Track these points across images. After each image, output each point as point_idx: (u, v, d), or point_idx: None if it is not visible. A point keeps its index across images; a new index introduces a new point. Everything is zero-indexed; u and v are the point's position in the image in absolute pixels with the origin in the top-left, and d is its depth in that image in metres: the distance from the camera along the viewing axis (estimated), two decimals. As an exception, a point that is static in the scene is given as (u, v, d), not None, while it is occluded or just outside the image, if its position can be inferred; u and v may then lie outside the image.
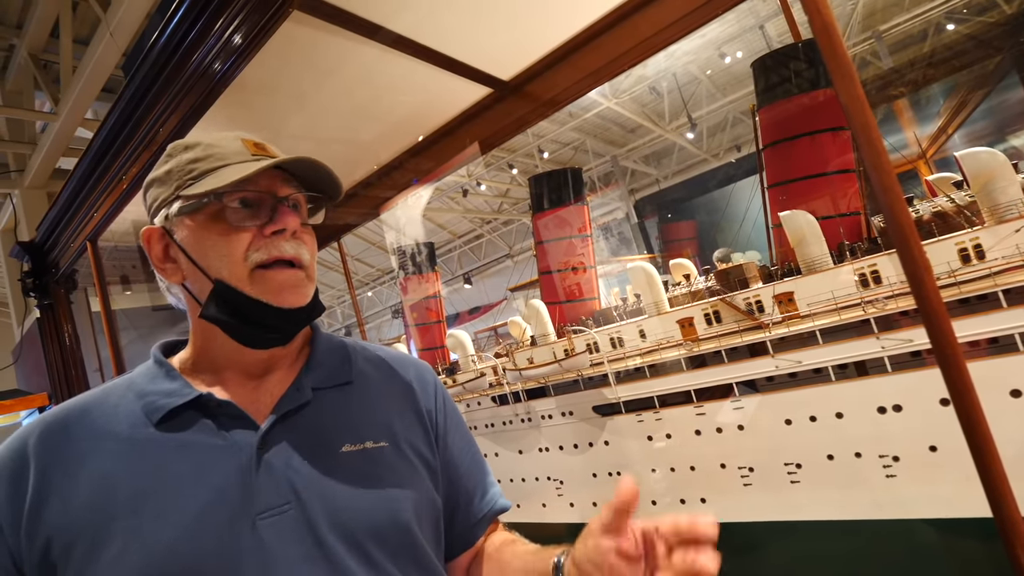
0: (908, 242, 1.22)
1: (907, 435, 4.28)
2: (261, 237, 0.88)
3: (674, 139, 14.96)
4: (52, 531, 0.75)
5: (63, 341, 3.95)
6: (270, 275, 0.88)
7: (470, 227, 18.71)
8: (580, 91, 2.57)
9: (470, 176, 14.59)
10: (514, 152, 14.59)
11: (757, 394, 5.01)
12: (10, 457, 0.81)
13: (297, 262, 0.90)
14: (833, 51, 1.25)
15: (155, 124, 2.34)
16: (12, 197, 5.37)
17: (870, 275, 4.73)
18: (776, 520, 4.86)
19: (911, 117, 12.05)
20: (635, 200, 16.74)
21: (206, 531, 0.76)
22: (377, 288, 21.34)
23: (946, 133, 11.39)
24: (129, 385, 0.91)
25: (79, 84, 4.39)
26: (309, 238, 0.95)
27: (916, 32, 13.14)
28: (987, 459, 1.21)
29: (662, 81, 13.02)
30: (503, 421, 7.00)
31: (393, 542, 0.86)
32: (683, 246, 15.43)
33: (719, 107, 14.82)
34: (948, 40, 12.46)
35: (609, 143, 15.84)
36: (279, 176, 0.92)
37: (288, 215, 0.90)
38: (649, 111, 14.22)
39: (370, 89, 2.58)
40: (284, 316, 0.90)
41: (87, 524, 0.75)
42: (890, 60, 13.10)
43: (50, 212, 3.40)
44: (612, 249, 15.60)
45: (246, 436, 0.86)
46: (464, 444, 1.10)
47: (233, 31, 1.88)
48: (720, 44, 12.26)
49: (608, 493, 0.64)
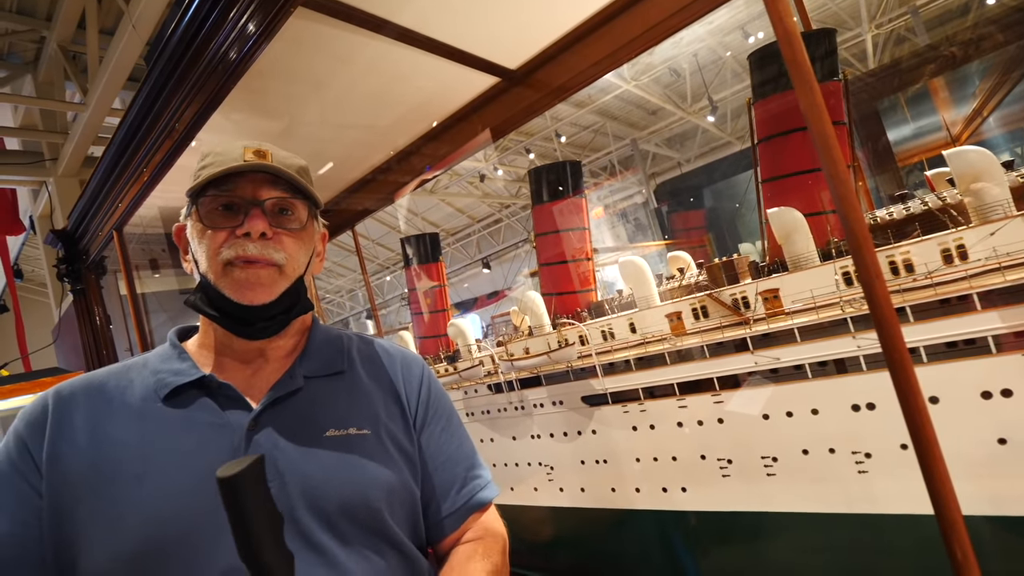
0: (861, 248, 1.27)
1: (879, 433, 4.32)
2: (233, 237, 0.94)
3: (696, 121, 14.59)
4: (63, 483, 0.84)
5: (94, 323, 4.14)
6: (234, 272, 0.94)
7: (488, 211, 18.76)
8: (589, 78, 2.58)
9: (487, 161, 14.62)
10: (532, 136, 14.50)
11: (737, 389, 5.09)
12: (34, 411, 0.91)
13: (265, 262, 0.95)
14: (794, 59, 1.29)
15: (175, 114, 2.42)
16: (48, 185, 5.62)
17: (854, 274, 4.72)
18: (752, 511, 4.98)
19: (946, 97, 11.44)
20: (655, 184, 16.43)
21: (197, 501, 0.83)
22: (397, 272, 21.62)
23: (981, 115, 10.80)
24: (145, 363, 1.01)
25: (105, 74, 4.49)
26: (290, 240, 0.99)
27: (955, 7, 12.46)
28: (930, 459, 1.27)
29: (683, 62, 12.70)
30: (498, 408, 7.24)
31: (364, 521, 0.93)
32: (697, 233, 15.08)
33: (744, 88, 14.36)
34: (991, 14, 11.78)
35: (630, 125, 15.54)
36: (266, 181, 0.98)
37: (257, 219, 0.95)
38: (671, 92, 13.89)
39: (381, 77, 2.63)
40: (247, 311, 0.96)
41: (93, 482, 0.84)
42: (927, 37, 12.48)
43: (79, 202, 3.53)
44: (629, 235, 15.43)
45: (240, 417, 0.93)
46: (447, 437, 1.13)
47: (247, 20, 1.94)
48: (744, 23, 11.84)
49: (595, 480, 0.75)
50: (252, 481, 0.67)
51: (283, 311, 1.01)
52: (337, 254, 19.55)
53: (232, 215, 0.96)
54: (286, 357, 1.06)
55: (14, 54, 5.62)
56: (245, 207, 0.96)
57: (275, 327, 1.01)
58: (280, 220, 0.99)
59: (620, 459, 5.72)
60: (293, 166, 1.01)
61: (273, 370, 1.03)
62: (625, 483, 5.71)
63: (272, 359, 1.04)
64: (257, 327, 0.99)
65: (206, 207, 0.96)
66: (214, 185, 0.96)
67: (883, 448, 4.30)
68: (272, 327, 1.01)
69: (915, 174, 10.84)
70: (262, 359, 1.03)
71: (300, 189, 1.01)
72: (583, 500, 6.09)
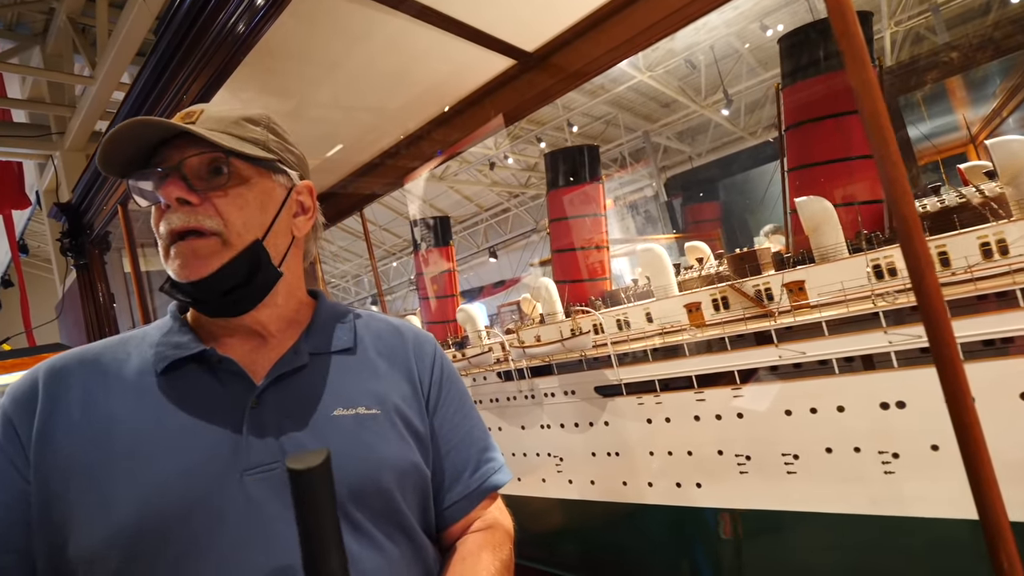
0: (912, 236, 1.21)
1: (909, 432, 4.17)
2: (162, 213, 0.88)
3: (710, 115, 14.42)
4: (54, 463, 0.79)
5: (97, 299, 4.10)
6: (172, 250, 0.88)
7: (497, 200, 18.61)
8: (608, 63, 2.50)
9: (497, 148, 14.45)
10: (543, 125, 14.32)
11: (759, 383, 4.95)
12: (22, 388, 0.85)
13: (200, 230, 0.87)
14: (847, 31, 1.21)
15: (181, 88, 2.37)
16: (54, 159, 5.57)
17: (885, 267, 4.57)
18: (770, 509, 4.85)
19: (964, 97, 11.33)
20: (666, 178, 16.28)
21: (196, 482, 0.79)
22: (404, 258, 21.54)
23: (1000, 116, 10.68)
24: (144, 336, 0.96)
25: (114, 48, 4.41)
26: (224, 202, 0.89)
27: (977, 6, 12.27)
28: (977, 462, 1.24)
29: (699, 55, 12.52)
30: (508, 397, 7.11)
31: (375, 505, 0.88)
32: (710, 226, 14.97)
33: (760, 82, 14.16)
34: (1013, 13, 11.62)
35: (643, 118, 15.36)
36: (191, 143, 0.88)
37: (169, 184, 0.87)
38: (685, 84, 13.70)
39: (395, 57, 2.56)
40: (196, 288, 0.89)
41: (86, 460, 0.79)
42: (947, 35, 12.30)
43: (84, 175, 3.48)
44: (638, 227, 15.29)
45: (242, 394, 0.88)
46: (460, 418, 1.09)
47: None
48: (763, 15, 11.67)
49: (606, 473, 0.66)
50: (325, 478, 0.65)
51: (241, 283, 0.91)
52: (343, 238, 19.42)
53: (156, 188, 0.89)
54: (287, 330, 1.00)
55: (23, 24, 5.56)
56: (160, 176, 0.89)
57: (240, 302, 0.93)
58: (212, 183, 0.89)
59: (633, 452, 5.60)
60: (228, 118, 0.93)
61: (275, 345, 0.98)
62: (637, 477, 5.58)
63: (271, 333, 0.98)
64: (214, 304, 0.92)
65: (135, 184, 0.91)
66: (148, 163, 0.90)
67: (913, 449, 4.16)
68: (235, 303, 0.92)
69: (927, 174, 10.70)
70: (256, 333, 0.97)
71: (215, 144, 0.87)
72: (593, 493, 5.97)
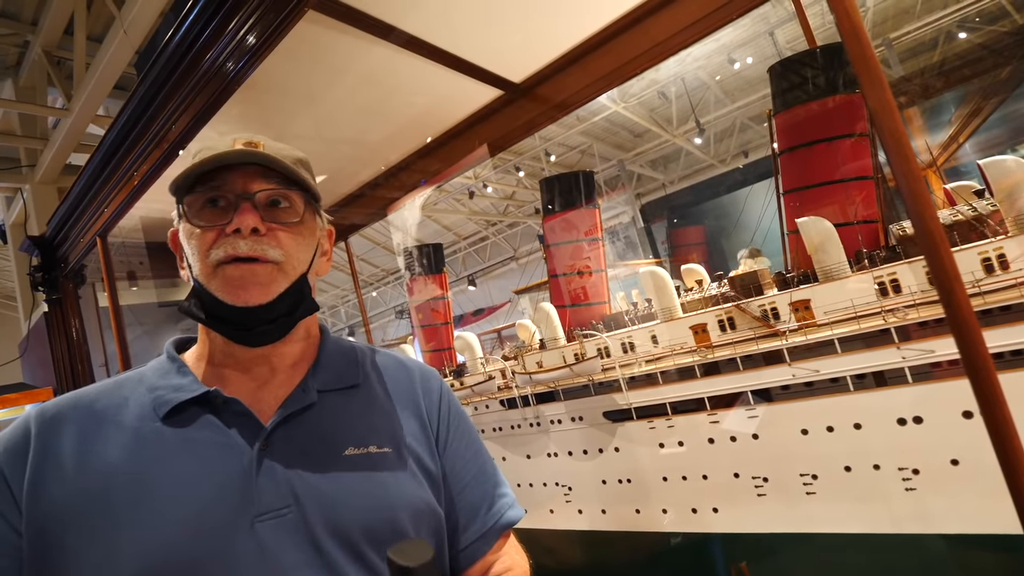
0: (938, 249, 1.20)
1: (928, 448, 4.19)
2: (223, 236, 0.86)
3: (681, 144, 14.91)
4: (48, 514, 0.75)
5: (70, 336, 3.95)
6: (226, 272, 0.86)
7: (475, 229, 18.63)
8: (592, 94, 2.54)
9: (476, 178, 14.53)
10: (521, 155, 14.54)
11: (772, 403, 4.93)
12: (13, 437, 0.81)
13: (260, 259, 0.87)
14: (862, 55, 1.22)
15: (167, 122, 2.34)
16: (23, 192, 5.39)
17: (890, 284, 4.66)
18: (790, 532, 4.77)
19: (921, 125, 12.06)
20: (641, 204, 16.66)
21: (204, 530, 0.75)
22: (381, 288, 21.30)
23: (957, 142, 11.38)
24: (140, 379, 0.91)
25: (92, 81, 4.42)
26: (287, 235, 0.90)
27: (927, 40, 13.13)
28: (1019, 474, 1.20)
29: (671, 86, 13.01)
30: (511, 425, 6.92)
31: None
32: (691, 251, 15.34)
33: (727, 112, 14.77)
34: (959, 48, 12.48)
35: (616, 147, 15.78)
36: (258, 173, 0.89)
37: (247, 213, 0.86)
38: (657, 116, 14.17)
39: (380, 89, 2.57)
40: (244, 314, 0.87)
41: (84, 511, 0.75)
42: (900, 68, 13.10)
43: (61, 207, 3.39)
44: (618, 253, 15.53)
45: (250, 435, 0.85)
46: (470, 455, 1.06)
47: (247, 31, 1.87)
48: (731, 49, 12.26)
49: (618, 500, 0.56)
50: None
51: (285, 312, 0.91)
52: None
53: (221, 212, 0.87)
54: (293, 367, 0.97)
55: (-5, 58, 5.44)
56: (234, 202, 0.87)
57: (277, 331, 0.92)
58: (275, 214, 0.90)
59: (645, 478, 5.47)
60: (289, 157, 0.93)
61: (281, 382, 0.95)
62: (651, 503, 5.44)
63: (279, 369, 0.95)
64: (256, 331, 0.90)
65: (193, 205, 0.88)
66: (201, 182, 0.87)
67: (932, 464, 4.16)
68: (274, 331, 0.91)
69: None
70: (267, 369, 0.94)
71: (296, 180, 0.92)
72: (604, 523, 5.80)
